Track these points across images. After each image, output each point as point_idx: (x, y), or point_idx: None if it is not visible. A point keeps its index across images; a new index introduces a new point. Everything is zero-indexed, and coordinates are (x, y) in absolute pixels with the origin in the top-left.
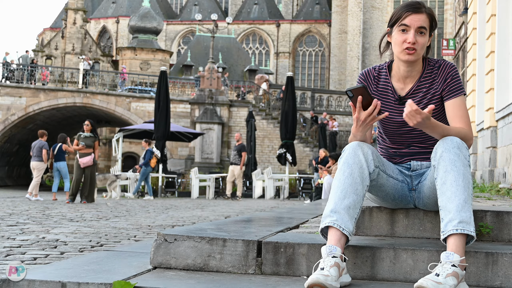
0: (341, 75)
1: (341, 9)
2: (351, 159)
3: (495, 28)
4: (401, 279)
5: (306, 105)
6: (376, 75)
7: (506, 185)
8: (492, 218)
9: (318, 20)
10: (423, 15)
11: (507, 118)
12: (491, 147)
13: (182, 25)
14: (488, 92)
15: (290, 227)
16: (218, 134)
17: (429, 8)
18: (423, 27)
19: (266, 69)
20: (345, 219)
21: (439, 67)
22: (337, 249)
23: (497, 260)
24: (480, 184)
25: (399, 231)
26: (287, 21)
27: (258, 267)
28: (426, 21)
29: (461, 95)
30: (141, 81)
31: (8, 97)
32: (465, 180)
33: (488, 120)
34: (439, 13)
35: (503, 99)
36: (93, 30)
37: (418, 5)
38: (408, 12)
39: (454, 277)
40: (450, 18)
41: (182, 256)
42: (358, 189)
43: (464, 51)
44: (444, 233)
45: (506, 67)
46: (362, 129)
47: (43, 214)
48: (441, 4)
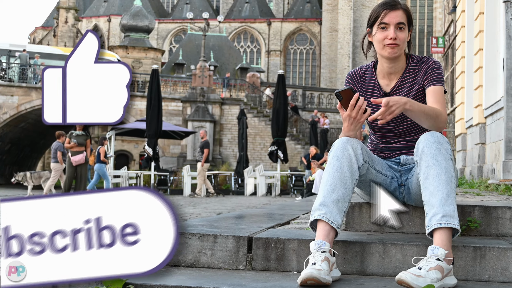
0: (332, 73)
1: (331, 8)
2: (340, 153)
3: (483, 26)
4: (390, 274)
5: (298, 102)
6: (362, 74)
7: (495, 181)
8: (480, 213)
9: (309, 19)
10: (400, 11)
11: (496, 114)
12: (480, 144)
13: (174, 23)
14: (477, 89)
15: (280, 223)
16: (210, 132)
17: (404, 4)
18: (401, 22)
19: (258, 67)
20: (334, 212)
21: (422, 63)
22: (326, 244)
23: (485, 254)
24: (469, 180)
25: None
26: (278, 20)
27: (248, 263)
28: (403, 16)
29: (440, 85)
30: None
31: None
32: (447, 174)
33: (477, 117)
34: (428, 11)
35: (492, 96)
36: (85, 28)
37: (394, 2)
38: (386, 10)
39: (438, 271)
40: (439, 16)
41: None
42: (347, 183)
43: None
44: (428, 227)
45: (494, 64)
46: (353, 127)
47: None
48: (430, 3)
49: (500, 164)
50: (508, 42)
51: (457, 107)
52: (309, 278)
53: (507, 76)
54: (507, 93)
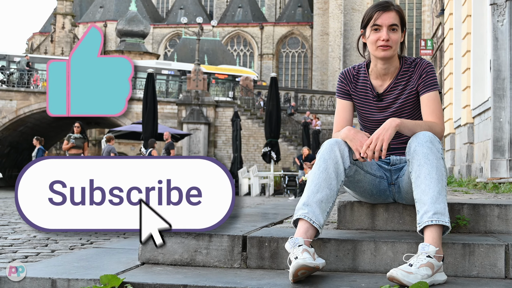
0: (323, 75)
1: (322, 12)
2: (327, 155)
3: (470, 28)
4: (381, 271)
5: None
6: (355, 74)
7: (483, 179)
8: (469, 211)
9: (300, 22)
10: (393, 13)
11: (483, 115)
12: (468, 143)
13: (169, 28)
14: (465, 90)
15: (274, 222)
16: (204, 134)
17: (398, 5)
18: (394, 24)
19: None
20: (316, 212)
21: (415, 65)
22: (299, 239)
23: (473, 251)
24: (458, 179)
25: (380, 224)
26: (270, 24)
27: (243, 261)
28: (396, 18)
29: (435, 90)
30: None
31: None
32: (439, 173)
33: (465, 117)
34: (417, 14)
35: (479, 97)
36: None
37: (387, 3)
38: (379, 11)
39: (428, 268)
40: (428, 19)
41: (170, 251)
42: (332, 184)
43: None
44: (420, 224)
45: (482, 65)
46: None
47: None
48: (419, 6)
49: (488, 163)
50: (495, 44)
51: (446, 108)
52: (299, 269)
53: (494, 77)
54: (494, 94)
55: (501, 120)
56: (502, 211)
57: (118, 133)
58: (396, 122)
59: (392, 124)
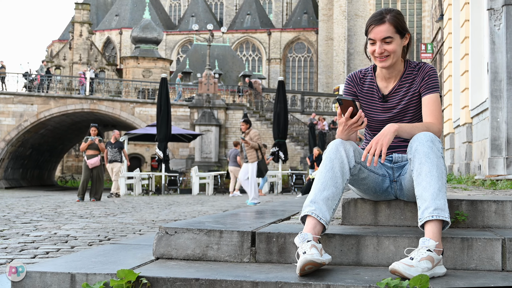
0: (328, 79)
1: (327, 18)
2: (333, 154)
3: (468, 32)
4: (384, 264)
5: (297, 107)
6: (362, 77)
7: (481, 177)
8: (467, 207)
9: (306, 28)
10: (385, 25)
11: (481, 115)
12: (467, 142)
13: (181, 35)
14: (464, 92)
15: (282, 219)
16: (216, 135)
17: (392, 14)
18: (387, 37)
19: (259, 74)
20: (323, 209)
21: (419, 68)
22: (308, 234)
23: (472, 245)
24: (457, 176)
25: (382, 220)
26: (277, 30)
27: (252, 256)
28: (389, 29)
29: (435, 92)
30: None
31: (20, 104)
32: (439, 171)
33: (464, 117)
34: (417, 19)
35: (477, 98)
36: (98, 41)
37: (380, 16)
38: (371, 25)
39: (428, 261)
40: (428, 24)
41: (182, 247)
42: (338, 182)
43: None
44: (421, 220)
45: (480, 68)
46: (346, 133)
47: (55, 212)
48: (419, 11)
49: (486, 161)
50: (492, 47)
51: (445, 108)
52: (306, 264)
53: (491, 79)
54: (491, 95)
55: (498, 120)
56: (499, 207)
57: (134, 135)
58: (395, 128)
59: (391, 130)
